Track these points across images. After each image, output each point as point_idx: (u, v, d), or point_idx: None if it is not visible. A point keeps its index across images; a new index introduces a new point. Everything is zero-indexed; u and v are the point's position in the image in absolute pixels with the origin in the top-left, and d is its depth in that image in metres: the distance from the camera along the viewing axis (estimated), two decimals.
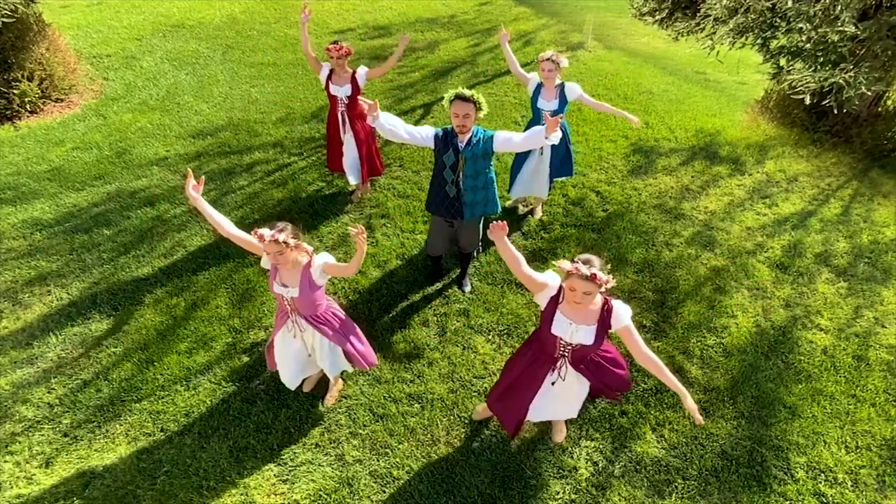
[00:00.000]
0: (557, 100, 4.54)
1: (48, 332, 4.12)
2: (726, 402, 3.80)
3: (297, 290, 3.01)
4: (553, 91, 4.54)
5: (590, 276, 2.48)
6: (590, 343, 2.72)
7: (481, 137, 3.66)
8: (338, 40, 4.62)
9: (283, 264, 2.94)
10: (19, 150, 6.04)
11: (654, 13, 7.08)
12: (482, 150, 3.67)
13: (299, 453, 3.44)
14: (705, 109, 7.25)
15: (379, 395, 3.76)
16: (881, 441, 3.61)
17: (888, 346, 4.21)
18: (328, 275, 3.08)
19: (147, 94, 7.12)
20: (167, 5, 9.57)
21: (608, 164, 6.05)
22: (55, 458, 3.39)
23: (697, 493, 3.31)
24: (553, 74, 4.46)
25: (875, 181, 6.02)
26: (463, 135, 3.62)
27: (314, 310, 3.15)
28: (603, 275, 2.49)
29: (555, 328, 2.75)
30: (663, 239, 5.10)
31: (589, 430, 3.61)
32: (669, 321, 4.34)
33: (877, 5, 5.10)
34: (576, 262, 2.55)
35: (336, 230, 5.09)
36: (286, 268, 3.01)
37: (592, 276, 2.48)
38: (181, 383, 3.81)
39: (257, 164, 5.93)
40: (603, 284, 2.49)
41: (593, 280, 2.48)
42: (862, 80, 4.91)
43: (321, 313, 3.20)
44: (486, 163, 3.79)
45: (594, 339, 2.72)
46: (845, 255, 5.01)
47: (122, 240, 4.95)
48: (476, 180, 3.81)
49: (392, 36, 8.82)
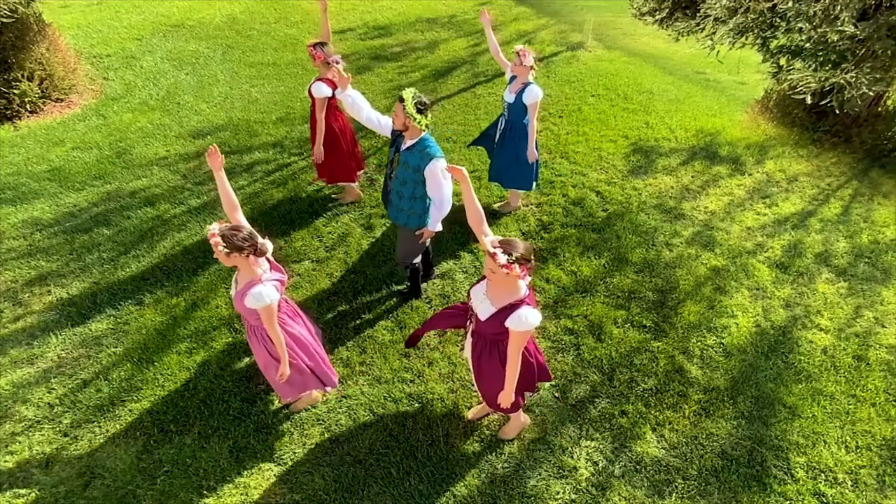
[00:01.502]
0: (515, 96, 4.57)
1: (48, 332, 4.12)
2: (726, 402, 3.80)
3: (234, 292, 2.90)
4: (518, 86, 4.56)
5: (491, 253, 2.53)
6: (482, 319, 2.76)
7: (422, 150, 3.50)
8: (317, 44, 4.44)
9: (223, 260, 2.73)
10: (19, 150, 6.04)
11: (654, 13, 7.07)
12: (415, 163, 3.54)
13: (299, 453, 3.44)
14: (705, 109, 7.25)
15: (379, 395, 3.76)
16: (881, 441, 3.61)
17: (888, 346, 4.21)
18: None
19: (147, 94, 7.12)
20: (167, 5, 9.57)
21: (608, 164, 6.05)
22: (55, 458, 3.39)
23: (697, 493, 3.31)
24: (517, 69, 4.47)
25: (875, 181, 6.01)
26: (406, 136, 3.55)
27: (248, 317, 2.96)
28: (503, 257, 2.49)
29: (473, 290, 2.85)
30: (663, 239, 5.10)
31: (589, 430, 3.61)
32: (669, 321, 4.34)
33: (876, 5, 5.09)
34: (501, 239, 2.59)
35: (336, 230, 5.09)
36: (229, 266, 2.85)
37: (493, 255, 2.52)
38: (181, 383, 3.81)
39: (257, 164, 5.93)
40: (498, 266, 2.50)
41: (492, 258, 2.52)
42: (863, 80, 4.91)
43: (254, 326, 3.01)
44: (416, 177, 3.60)
45: (487, 319, 2.74)
46: (845, 255, 5.01)
47: (122, 240, 4.95)
48: (403, 187, 3.69)
49: (392, 36, 8.82)
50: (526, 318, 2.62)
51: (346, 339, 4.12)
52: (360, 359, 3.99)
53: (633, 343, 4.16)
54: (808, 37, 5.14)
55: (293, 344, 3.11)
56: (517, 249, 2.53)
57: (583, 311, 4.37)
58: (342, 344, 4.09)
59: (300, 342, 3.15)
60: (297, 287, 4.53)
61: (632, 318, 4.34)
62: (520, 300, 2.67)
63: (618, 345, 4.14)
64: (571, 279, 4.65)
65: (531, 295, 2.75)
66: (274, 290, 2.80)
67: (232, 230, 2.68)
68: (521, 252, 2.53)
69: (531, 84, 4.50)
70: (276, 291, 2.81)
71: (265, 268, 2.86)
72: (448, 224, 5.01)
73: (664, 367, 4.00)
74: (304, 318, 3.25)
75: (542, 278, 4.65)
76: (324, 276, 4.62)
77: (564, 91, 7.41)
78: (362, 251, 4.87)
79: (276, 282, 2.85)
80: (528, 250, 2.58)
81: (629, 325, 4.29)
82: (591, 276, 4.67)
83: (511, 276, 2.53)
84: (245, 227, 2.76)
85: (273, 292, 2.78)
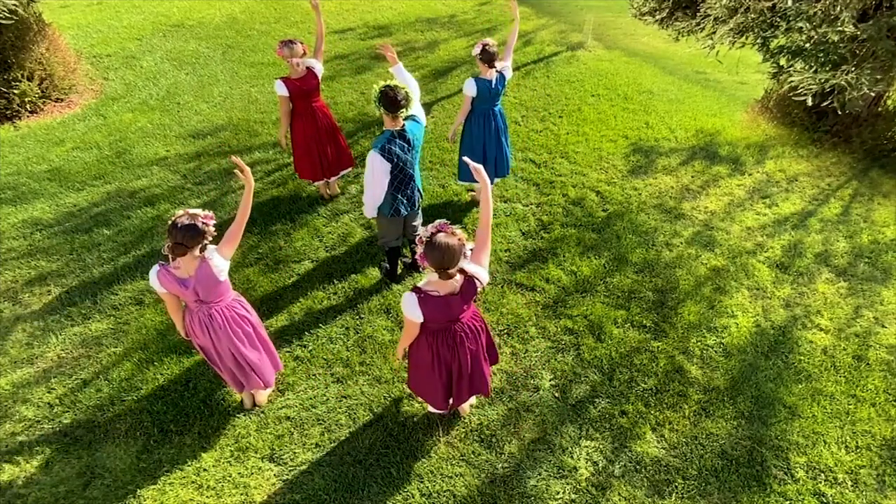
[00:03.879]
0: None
1: (48, 332, 4.12)
2: (726, 402, 3.80)
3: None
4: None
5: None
6: None
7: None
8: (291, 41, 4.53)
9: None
10: (19, 150, 6.04)
11: (654, 13, 7.07)
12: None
13: (299, 453, 3.44)
14: (705, 109, 7.25)
15: (379, 395, 3.76)
16: (881, 441, 3.61)
17: (888, 346, 4.21)
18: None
19: (147, 93, 7.12)
20: (167, 5, 9.57)
21: (608, 164, 6.05)
22: (55, 458, 3.39)
23: (697, 493, 3.31)
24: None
25: (875, 181, 6.01)
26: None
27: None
28: (420, 249, 2.67)
29: None
30: (663, 239, 5.10)
31: (589, 430, 3.61)
32: (669, 321, 4.34)
33: (877, 5, 5.09)
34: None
35: (336, 230, 5.09)
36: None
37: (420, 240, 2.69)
38: (181, 383, 3.81)
39: (257, 164, 5.93)
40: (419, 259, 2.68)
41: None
42: (863, 80, 4.91)
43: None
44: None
45: None
46: (845, 255, 5.01)
47: (122, 240, 4.95)
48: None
49: (392, 36, 8.82)
50: (405, 297, 2.78)
51: (346, 339, 4.12)
52: (359, 359, 3.99)
53: (633, 343, 4.16)
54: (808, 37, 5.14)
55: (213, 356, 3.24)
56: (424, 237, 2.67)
57: (583, 311, 4.37)
58: (342, 344, 4.09)
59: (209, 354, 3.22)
60: (298, 287, 4.53)
61: (632, 318, 4.34)
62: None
63: (618, 345, 4.14)
64: (571, 279, 4.66)
65: (428, 284, 2.78)
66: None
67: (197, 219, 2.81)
68: (425, 237, 2.66)
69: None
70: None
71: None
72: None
73: (664, 367, 4.00)
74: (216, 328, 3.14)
75: (542, 278, 4.65)
76: (324, 276, 4.62)
77: (564, 91, 7.41)
78: (362, 251, 4.87)
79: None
80: (432, 236, 2.65)
81: (629, 325, 4.29)
82: (591, 276, 4.67)
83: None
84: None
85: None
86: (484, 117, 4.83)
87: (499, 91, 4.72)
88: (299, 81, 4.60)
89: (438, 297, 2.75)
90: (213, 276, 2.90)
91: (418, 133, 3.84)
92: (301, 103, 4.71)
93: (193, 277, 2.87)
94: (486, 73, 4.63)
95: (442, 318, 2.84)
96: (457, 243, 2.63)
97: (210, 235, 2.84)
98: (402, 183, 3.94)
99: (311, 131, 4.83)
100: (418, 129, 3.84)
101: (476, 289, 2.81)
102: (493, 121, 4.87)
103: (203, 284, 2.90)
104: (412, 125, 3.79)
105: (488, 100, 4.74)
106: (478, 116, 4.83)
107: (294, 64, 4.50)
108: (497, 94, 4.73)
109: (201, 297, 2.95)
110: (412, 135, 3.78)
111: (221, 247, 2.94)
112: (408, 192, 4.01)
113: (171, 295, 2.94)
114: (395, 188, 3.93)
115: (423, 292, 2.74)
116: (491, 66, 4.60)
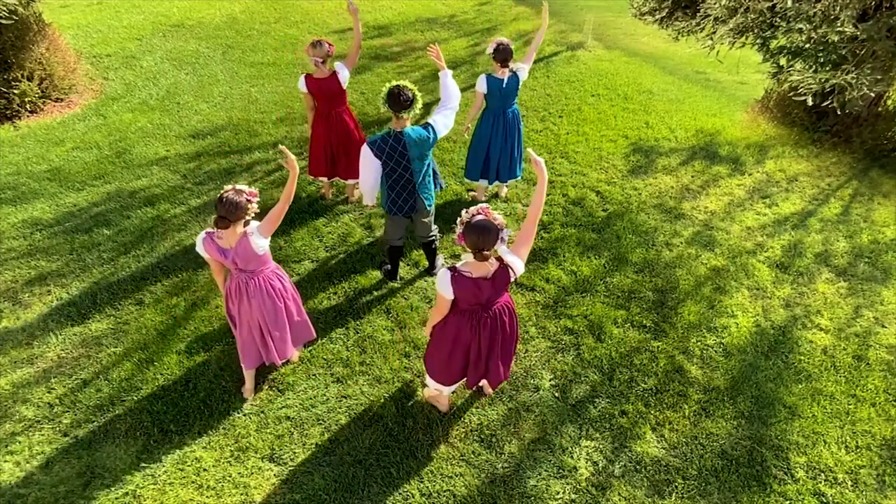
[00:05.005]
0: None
1: (48, 332, 4.12)
2: (726, 402, 3.80)
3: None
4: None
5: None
6: None
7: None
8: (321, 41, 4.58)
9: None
10: (19, 150, 6.04)
11: (654, 13, 7.08)
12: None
13: (299, 453, 3.44)
14: (705, 109, 7.25)
15: (379, 395, 3.76)
16: (881, 441, 3.61)
17: (888, 346, 4.21)
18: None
19: (147, 93, 7.12)
20: (167, 5, 9.57)
21: (608, 164, 6.05)
22: (55, 458, 3.39)
23: (697, 493, 3.31)
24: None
25: (875, 181, 6.02)
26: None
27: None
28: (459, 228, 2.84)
29: None
30: (663, 239, 5.10)
31: (589, 429, 3.61)
32: (669, 321, 4.34)
33: (876, 6, 5.09)
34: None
35: (336, 230, 5.08)
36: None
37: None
38: (181, 383, 3.81)
39: (257, 164, 5.93)
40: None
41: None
42: (863, 81, 4.91)
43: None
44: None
45: None
46: (845, 255, 5.01)
47: (122, 240, 4.95)
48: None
49: (392, 35, 8.82)
50: (440, 273, 2.93)
51: (346, 339, 4.12)
52: (359, 359, 3.99)
53: (633, 343, 4.16)
54: (808, 37, 5.14)
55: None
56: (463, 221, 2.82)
57: (583, 311, 4.37)
58: (342, 344, 4.09)
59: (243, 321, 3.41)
60: (298, 287, 4.51)
61: (632, 318, 4.34)
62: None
63: (618, 345, 4.14)
64: (571, 279, 4.66)
65: (464, 265, 2.90)
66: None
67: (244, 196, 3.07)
68: (465, 219, 2.80)
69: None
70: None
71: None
72: (448, 225, 5.02)
73: (664, 367, 4.00)
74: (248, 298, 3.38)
75: (542, 278, 4.65)
76: (324, 276, 4.62)
77: (564, 91, 7.41)
78: (362, 251, 4.87)
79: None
80: (472, 218, 2.78)
81: (629, 325, 4.29)
82: (591, 276, 4.67)
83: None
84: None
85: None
86: (494, 117, 4.85)
87: (511, 91, 4.73)
88: (319, 81, 4.65)
89: (470, 278, 2.86)
90: (251, 251, 3.14)
91: (418, 139, 3.76)
92: (322, 104, 4.79)
93: (233, 249, 3.13)
94: (499, 71, 4.66)
95: (471, 299, 2.94)
96: (494, 227, 2.74)
97: (252, 212, 3.09)
98: (399, 184, 3.93)
99: (324, 132, 4.89)
100: (420, 135, 3.76)
101: (509, 277, 2.91)
102: (504, 122, 4.87)
103: (241, 256, 3.16)
104: (415, 130, 3.76)
105: (499, 99, 4.75)
106: (488, 116, 4.83)
107: (313, 63, 4.57)
108: (509, 94, 4.74)
109: (240, 266, 3.21)
110: (409, 139, 3.74)
111: (262, 226, 3.17)
112: (404, 195, 3.99)
113: (214, 260, 3.22)
114: (391, 186, 3.95)
115: (457, 271, 2.87)
116: (504, 65, 4.62)
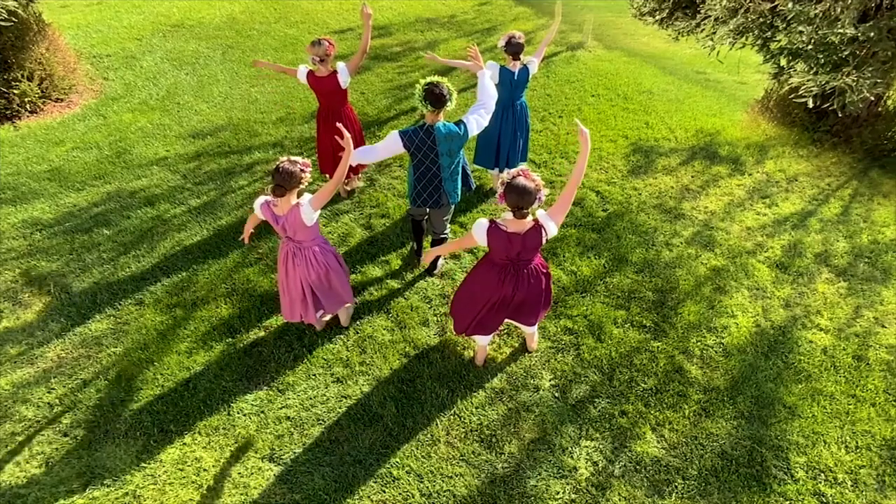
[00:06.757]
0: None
1: (48, 332, 4.12)
2: (726, 402, 3.80)
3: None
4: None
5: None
6: None
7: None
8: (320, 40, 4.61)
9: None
10: (19, 150, 6.04)
11: (654, 13, 7.07)
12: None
13: (299, 453, 3.44)
14: (705, 109, 7.25)
15: (379, 395, 3.76)
16: (881, 441, 3.61)
17: (888, 346, 4.21)
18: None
19: (147, 94, 7.12)
20: (167, 5, 9.57)
21: (608, 164, 6.05)
22: (55, 458, 3.39)
23: (697, 493, 3.31)
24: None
25: (875, 181, 6.02)
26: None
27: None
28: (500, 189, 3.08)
29: None
30: (663, 239, 5.10)
31: (589, 429, 3.61)
32: (669, 321, 4.34)
33: (877, 7, 5.09)
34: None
35: (336, 230, 5.09)
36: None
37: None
38: (181, 383, 3.81)
39: (257, 164, 5.93)
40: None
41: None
42: (864, 82, 4.91)
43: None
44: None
45: None
46: (845, 255, 5.01)
47: (122, 240, 4.95)
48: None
49: (392, 35, 8.82)
50: (475, 224, 3.19)
51: (346, 339, 4.12)
52: (360, 359, 3.99)
53: (632, 343, 4.16)
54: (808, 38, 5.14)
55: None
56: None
57: (583, 311, 4.37)
58: (342, 344, 4.09)
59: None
60: None
61: (632, 318, 4.34)
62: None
63: (618, 345, 4.14)
64: (571, 279, 4.66)
65: (503, 220, 3.15)
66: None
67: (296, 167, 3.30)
68: (507, 179, 3.03)
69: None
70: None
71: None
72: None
73: (664, 367, 4.00)
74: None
75: None
76: None
77: (564, 91, 7.41)
78: (362, 251, 4.87)
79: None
80: (513, 178, 3.02)
81: (629, 325, 4.29)
82: (591, 276, 4.67)
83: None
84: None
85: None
86: (503, 108, 4.91)
87: (521, 83, 4.84)
88: (319, 79, 4.74)
89: (505, 231, 3.09)
90: (300, 221, 3.34)
91: (448, 135, 3.81)
92: (322, 101, 4.89)
93: (284, 217, 3.35)
94: (510, 64, 4.73)
95: (502, 252, 3.19)
96: (534, 187, 2.97)
97: (305, 181, 3.30)
98: (426, 177, 4.01)
99: (324, 131, 4.96)
100: (451, 131, 3.81)
101: (541, 238, 3.12)
102: (513, 113, 4.96)
103: (291, 225, 3.38)
104: (447, 126, 3.82)
105: (509, 90, 4.84)
106: (498, 107, 4.84)
107: (311, 61, 4.65)
108: (519, 85, 4.85)
109: (288, 234, 3.45)
110: (439, 134, 3.80)
111: (314, 199, 3.33)
112: (430, 189, 4.06)
113: (258, 217, 3.50)
114: (418, 179, 4.05)
115: (494, 224, 3.12)
116: (516, 58, 4.73)
